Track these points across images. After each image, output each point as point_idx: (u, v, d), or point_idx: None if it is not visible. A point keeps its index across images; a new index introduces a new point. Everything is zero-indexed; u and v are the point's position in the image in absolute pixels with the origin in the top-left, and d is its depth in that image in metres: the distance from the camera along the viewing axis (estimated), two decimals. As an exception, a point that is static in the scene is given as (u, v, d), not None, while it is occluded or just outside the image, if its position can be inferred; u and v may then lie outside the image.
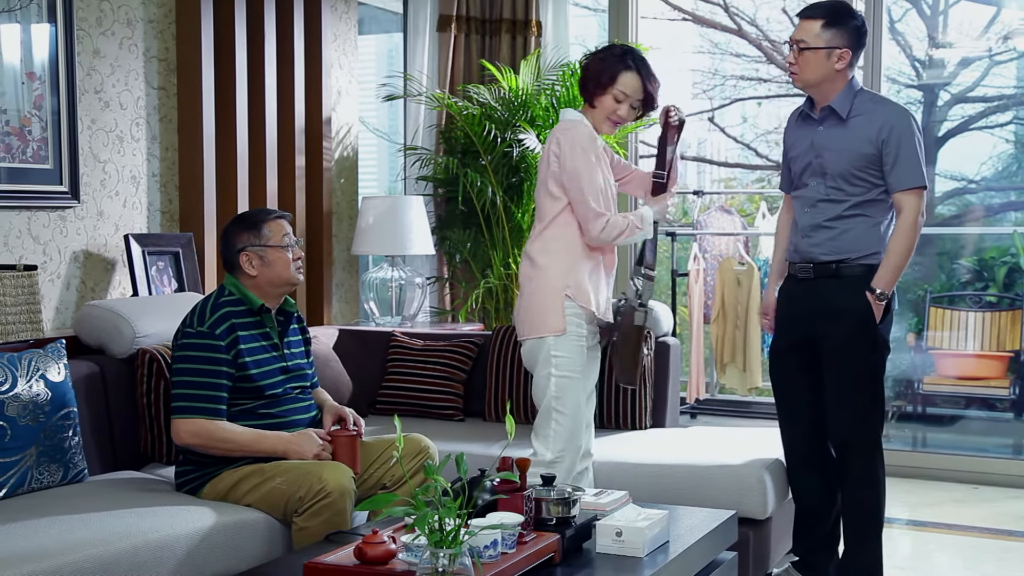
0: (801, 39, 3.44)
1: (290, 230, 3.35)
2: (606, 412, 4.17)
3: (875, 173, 3.42)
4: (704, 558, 2.98)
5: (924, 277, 6.76)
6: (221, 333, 3.18)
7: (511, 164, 5.40)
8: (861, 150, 3.41)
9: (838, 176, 3.45)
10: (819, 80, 3.44)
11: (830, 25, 3.41)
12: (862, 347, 3.47)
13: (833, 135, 3.47)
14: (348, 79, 5.53)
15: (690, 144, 9.24)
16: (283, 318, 3.38)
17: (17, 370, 3.12)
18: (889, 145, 3.38)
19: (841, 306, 3.47)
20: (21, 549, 2.59)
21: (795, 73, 3.48)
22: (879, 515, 3.56)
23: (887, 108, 3.45)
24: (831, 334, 3.49)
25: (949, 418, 6.59)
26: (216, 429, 3.14)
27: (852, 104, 3.44)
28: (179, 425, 3.14)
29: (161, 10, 4.49)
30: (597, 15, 7.29)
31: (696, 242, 6.64)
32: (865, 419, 3.50)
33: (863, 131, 3.41)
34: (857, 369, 3.48)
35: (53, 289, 4.08)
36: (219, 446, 3.15)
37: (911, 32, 7.09)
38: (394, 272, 5.33)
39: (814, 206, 3.51)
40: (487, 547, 2.48)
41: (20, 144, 3.91)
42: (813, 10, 3.47)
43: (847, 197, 3.45)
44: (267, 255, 3.27)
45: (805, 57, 3.43)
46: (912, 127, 3.41)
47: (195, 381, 3.15)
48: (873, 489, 3.53)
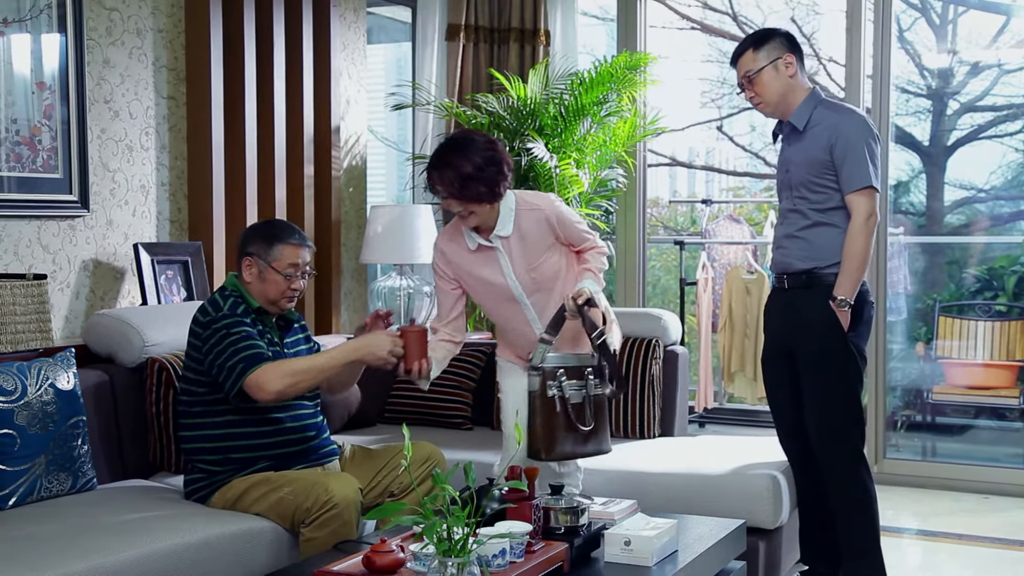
0: (745, 71, 3.56)
1: (303, 261, 3.31)
2: (614, 421, 4.16)
3: (833, 179, 3.48)
4: (713, 567, 2.97)
5: (933, 286, 6.75)
6: (241, 312, 3.20)
7: (519, 173, 5.40)
8: (816, 157, 3.48)
9: (800, 186, 3.53)
10: (781, 95, 3.54)
11: (759, 45, 3.55)
12: (833, 357, 3.49)
13: (795, 148, 3.56)
14: (357, 88, 5.54)
15: (699, 153, 9.24)
16: (284, 323, 3.39)
17: (27, 379, 3.13)
18: (837, 149, 3.45)
19: (811, 316, 3.50)
20: (30, 557, 2.60)
21: (759, 103, 3.58)
22: (872, 524, 3.54)
23: (840, 115, 3.52)
24: (803, 344, 3.54)
25: (959, 428, 6.57)
26: (287, 363, 3.14)
27: (811, 116, 3.52)
28: (254, 380, 3.08)
29: (170, 20, 4.50)
30: (606, 24, 7.30)
31: (704, 251, 6.64)
32: (840, 430, 3.50)
33: (818, 140, 3.49)
34: (829, 380, 3.50)
35: (63, 298, 4.09)
36: (303, 378, 3.12)
37: (920, 41, 7.09)
38: (402, 281, 5.33)
39: (785, 217, 3.60)
40: (495, 556, 2.48)
41: (30, 153, 3.92)
42: (740, 46, 3.62)
43: (810, 206, 3.51)
44: (265, 272, 3.27)
45: (759, 82, 3.54)
46: (862, 131, 3.46)
47: (241, 345, 3.13)
48: (861, 499, 3.52)
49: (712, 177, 9.17)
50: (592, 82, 5.33)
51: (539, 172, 5.31)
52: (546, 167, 5.24)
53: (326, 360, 3.19)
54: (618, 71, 5.34)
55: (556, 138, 5.38)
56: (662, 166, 8.85)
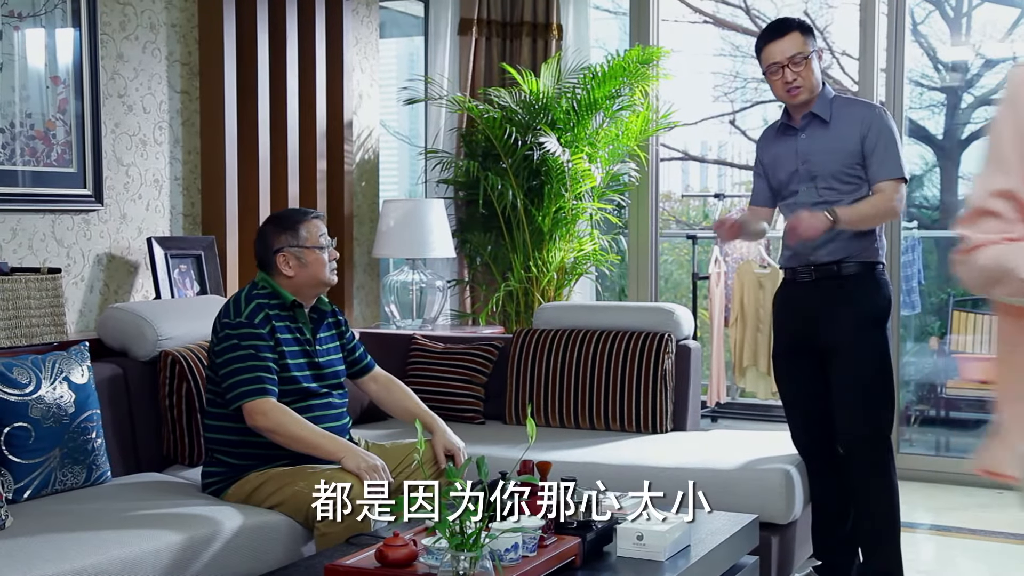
0: (797, 52, 3.51)
1: (325, 230, 3.36)
2: (627, 415, 4.16)
3: (862, 170, 3.53)
4: (726, 562, 2.97)
5: (947, 281, 6.72)
6: (260, 322, 3.19)
7: (532, 167, 5.40)
8: (848, 148, 3.51)
9: (830, 177, 3.54)
10: (816, 84, 3.55)
11: (805, 32, 3.55)
12: (866, 343, 3.50)
13: (818, 139, 3.56)
14: (369, 82, 5.54)
15: (711, 147, 9.22)
16: (316, 315, 3.39)
17: (41, 372, 3.14)
18: (869, 139, 3.49)
19: (842, 305, 3.51)
20: (44, 550, 2.61)
21: (799, 89, 3.53)
22: (894, 516, 3.55)
23: (864, 107, 3.61)
24: (834, 333, 3.52)
25: (973, 422, 6.54)
26: (287, 416, 3.12)
27: (831, 108, 3.56)
28: (252, 408, 3.10)
29: (184, 14, 4.51)
30: (618, 18, 7.28)
31: (717, 245, 6.63)
32: (874, 418, 3.52)
33: (847, 130, 3.52)
34: (863, 367, 3.51)
35: (77, 292, 4.11)
36: (286, 441, 3.10)
37: (934, 34, 7.05)
38: (415, 275, 5.33)
39: (810, 211, 3.51)
40: (508, 550, 2.48)
41: (44, 148, 3.94)
42: (785, 27, 3.56)
43: (841, 196, 3.51)
44: (304, 256, 3.28)
45: (809, 67, 3.53)
46: (890, 123, 3.53)
47: (249, 365, 3.14)
48: (887, 490, 3.53)
49: (724, 171, 9.14)
50: (604, 76, 5.32)
51: (551, 166, 5.31)
52: (558, 161, 5.23)
53: (315, 440, 3.12)
54: (630, 65, 5.33)
55: (568, 132, 5.37)
56: (674, 160, 8.82)
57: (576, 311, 4.51)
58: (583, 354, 4.22)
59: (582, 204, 5.47)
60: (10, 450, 3.01)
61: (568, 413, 4.23)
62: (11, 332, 3.46)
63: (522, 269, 5.51)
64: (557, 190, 5.36)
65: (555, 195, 5.38)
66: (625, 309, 4.46)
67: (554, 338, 4.30)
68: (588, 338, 4.25)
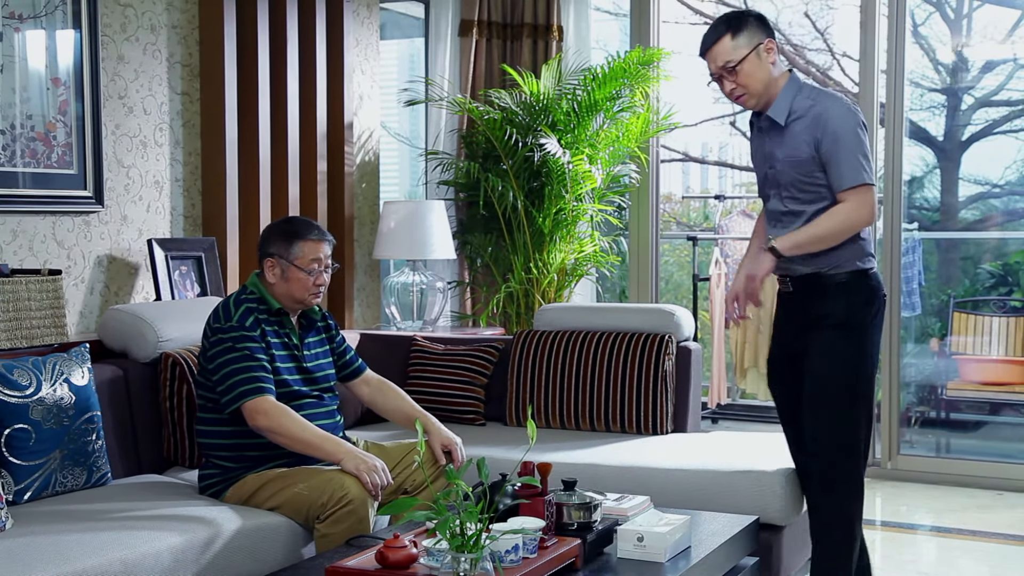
0: (725, 62, 3.23)
1: (325, 255, 3.30)
2: (627, 417, 4.16)
3: (822, 177, 3.20)
4: (726, 564, 2.97)
5: (948, 282, 6.72)
6: (251, 325, 3.20)
7: (532, 169, 5.40)
8: (800, 155, 3.20)
9: (790, 186, 3.26)
10: (766, 84, 3.23)
11: (736, 31, 3.23)
12: (832, 356, 3.26)
13: (776, 143, 3.27)
14: (370, 84, 5.54)
15: (712, 148, 9.22)
16: (305, 321, 3.39)
17: (41, 374, 3.14)
18: (824, 144, 3.15)
19: (819, 313, 3.29)
20: (45, 552, 2.61)
21: (743, 95, 3.25)
22: (848, 549, 3.32)
23: (822, 104, 3.19)
24: (810, 343, 3.31)
25: (973, 424, 6.55)
26: (288, 416, 3.11)
27: (791, 106, 3.23)
28: (253, 406, 3.10)
29: (185, 16, 4.51)
30: (619, 19, 7.29)
31: (717, 246, 6.63)
32: (835, 433, 3.27)
33: (800, 134, 3.20)
34: (830, 378, 3.26)
35: (77, 293, 4.11)
36: (287, 441, 3.10)
37: (934, 36, 7.05)
38: (415, 276, 5.33)
39: (779, 220, 3.34)
40: (508, 552, 2.48)
41: (45, 149, 3.94)
42: (713, 33, 3.28)
43: (803, 207, 3.25)
44: (288, 272, 3.27)
45: (743, 73, 3.21)
46: (848, 121, 3.15)
47: (245, 366, 3.14)
48: (838, 513, 3.31)
49: (725, 173, 9.15)
50: (605, 77, 5.33)
51: (552, 168, 5.31)
52: (559, 163, 5.24)
53: (316, 441, 3.12)
54: (631, 67, 5.34)
55: (569, 134, 5.37)
56: (675, 162, 8.83)
57: (577, 312, 4.51)
58: (584, 355, 4.22)
59: (583, 205, 5.47)
60: (10, 452, 3.01)
61: (569, 414, 4.23)
62: (11, 334, 3.46)
63: (523, 270, 5.51)
64: (558, 191, 5.36)
65: (556, 196, 5.39)
66: (626, 310, 4.46)
67: (555, 339, 4.30)
68: (589, 339, 4.25)
